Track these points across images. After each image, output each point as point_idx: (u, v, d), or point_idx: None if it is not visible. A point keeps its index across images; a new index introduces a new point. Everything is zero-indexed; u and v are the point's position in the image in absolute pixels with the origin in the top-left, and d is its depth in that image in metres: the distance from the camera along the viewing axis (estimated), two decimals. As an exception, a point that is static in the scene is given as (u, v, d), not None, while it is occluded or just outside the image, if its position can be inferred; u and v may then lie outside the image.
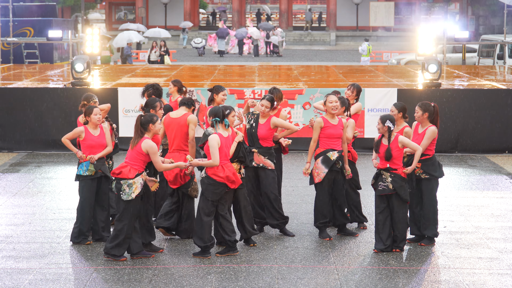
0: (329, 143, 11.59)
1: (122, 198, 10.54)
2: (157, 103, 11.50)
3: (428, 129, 11.29)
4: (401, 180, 10.97)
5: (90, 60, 19.92)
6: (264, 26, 54.82)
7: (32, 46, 33.24)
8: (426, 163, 11.32)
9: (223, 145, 10.77)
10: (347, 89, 12.83)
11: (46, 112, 18.99)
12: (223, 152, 10.76)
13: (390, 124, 10.96)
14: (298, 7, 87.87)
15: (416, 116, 11.39)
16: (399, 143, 10.95)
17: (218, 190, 10.77)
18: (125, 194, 10.52)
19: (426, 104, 11.38)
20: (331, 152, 11.55)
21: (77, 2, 58.21)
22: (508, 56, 32.78)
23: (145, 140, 10.54)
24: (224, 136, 10.84)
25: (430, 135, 11.26)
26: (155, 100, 11.62)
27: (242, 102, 18.79)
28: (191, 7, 65.75)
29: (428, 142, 11.27)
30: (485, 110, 19.04)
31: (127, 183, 10.52)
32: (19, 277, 10.04)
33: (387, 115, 11.04)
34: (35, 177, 16.15)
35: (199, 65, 32.25)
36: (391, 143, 10.95)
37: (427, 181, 11.38)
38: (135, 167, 10.57)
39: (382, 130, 11.01)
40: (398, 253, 11.02)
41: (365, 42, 39.95)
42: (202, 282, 9.86)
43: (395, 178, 10.96)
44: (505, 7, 29.58)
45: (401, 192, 10.94)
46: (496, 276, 10.18)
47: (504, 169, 17.23)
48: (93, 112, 11.37)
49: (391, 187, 10.96)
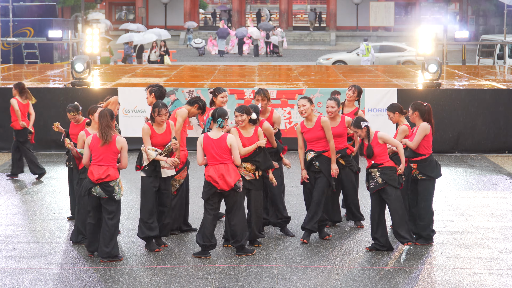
0: (309, 145, 11.67)
1: (116, 199, 10.62)
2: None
3: (420, 125, 11.35)
4: (390, 171, 11.01)
5: (90, 60, 19.93)
6: (264, 26, 54.81)
7: (32, 46, 33.24)
8: (422, 163, 11.35)
9: (209, 146, 10.77)
10: (348, 90, 12.88)
11: (46, 112, 18.99)
12: (209, 153, 10.78)
13: (365, 123, 11.04)
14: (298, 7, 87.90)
15: (409, 116, 11.49)
16: (379, 140, 11.05)
17: (206, 189, 10.89)
18: (117, 194, 10.64)
19: (417, 104, 11.48)
20: (308, 153, 11.62)
21: (77, 2, 58.20)
22: (508, 56, 32.79)
23: (117, 137, 10.67)
24: (213, 137, 10.83)
25: (421, 130, 11.31)
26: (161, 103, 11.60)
27: (242, 102, 18.80)
28: (191, 7, 65.75)
29: (420, 137, 11.29)
30: (485, 110, 19.05)
31: (115, 183, 10.62)
32: (19, 277, 10.04)
33: (358, 118, 11.16)
34: (35, 177, 16.14)
35: (199, 65, 32.25)
36: (371, 141, 11.02)
37: (422, 182, 11.40)
38: (115, 166, 10.69)
39: (363, 134, 11.09)
40: (397, 253, 11.02)
41: (364, 42, 39.94)
42: (202, 282, 9.86)
43: (383, 171, 11.02)
44: (505, 7, 29.59)
45: (391, 182, 10.97)
46: (496, 276, 10.18)
47: (504, 169, 17.24)
48: (97, 111, 11.37)
49: (380, 181, 11.01)
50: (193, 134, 18.50)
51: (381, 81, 21.81)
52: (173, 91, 19.09)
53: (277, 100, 18.77)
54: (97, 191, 10.63)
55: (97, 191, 10.63)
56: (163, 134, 11.22)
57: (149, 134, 11.13)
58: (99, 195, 10.63)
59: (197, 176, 15.45)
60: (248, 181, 11.09)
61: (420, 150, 11.34)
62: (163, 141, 11.20)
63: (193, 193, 13.58)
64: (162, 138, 11.20)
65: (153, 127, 11.21)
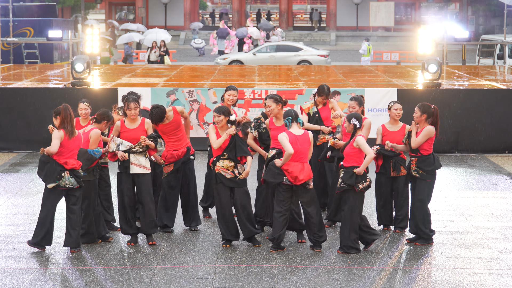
0: (273, 143, 11.65)
1: (83, 186, 11.04)
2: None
3: (425, 127, 11.31)
4: (351, 171, 10.95)
5: (90, 60, 19.93)
6: (264, 26, 54.80)
7: (32, 46, 33.24)
8: (421, 158, 11.34)
9: (294, 141, 10.90)
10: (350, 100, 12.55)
11: (46, 112, 18.98)
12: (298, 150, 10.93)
13: (356, 121, 11.02)
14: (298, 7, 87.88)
15: (415, 116, 11.40)
16: (354, 143, 11.01)
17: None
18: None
19: (425, 106, 11.39)
20: (270, 151, 11.61)
21: (77, 2, 58.22)
22: (508, 56, 32.80)
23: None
24: (296, 134, 10.98)
25: (426, 133, 11.28)
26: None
27: (243, 102, 18.81)
28: (191, 7, 65.74)
29: (423, 139, 11.28)
30: (485, 110, 19.05)
31: (80, 172, 11.00)
32: (19, 277, 10.04)
33: (353, 114, 11.17)
34: (35, 177, 16.14)
35: (199, 65, 32.25)
36: (351, 141, 11.04)
37: (419, 182, 11.41)
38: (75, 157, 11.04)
39: (349, 128, 11.08)
40: (397, 253, 11.02)
41: (365, 42, 39.97)
42: (202, 282, 9.86)
43: (345, 173, 11.00)
44: (505, 7, 29.60)
45: (348, 181, 10.93)
46: (496, 276, 10.18)
47: (504, 169, 17.24)
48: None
49: (343, 184, 11.00)
50: (193, 134, 18.54)
51: (381, 81, 21.80)
52: (173, 91, 19.10)
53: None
54: (72, 181, 10.85)
55: (72, 181, 10.86)
56: (135, 130, 11.32)
57: (118, 130, 11.36)
58: (76, 184, 10.87)
59: (197, 176, 15.43)
60: (228, 179, 11.18)
61: (421, 150, 11.35)
62: (135, 136, 11.28)
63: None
64: (134, 133, 11.28)
65: (124, 122, 11.29)
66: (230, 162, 11.17)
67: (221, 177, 11.16)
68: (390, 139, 11.85)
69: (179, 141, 11.99)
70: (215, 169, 11.23)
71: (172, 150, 11.95)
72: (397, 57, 45.13)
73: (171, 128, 11.89)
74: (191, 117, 18.91)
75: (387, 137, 11.91)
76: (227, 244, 11.35)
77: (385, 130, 12.00)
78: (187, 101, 18.99)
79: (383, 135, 11.96)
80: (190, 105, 19.01)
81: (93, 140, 11.22)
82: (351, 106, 12.01)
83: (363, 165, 10.92)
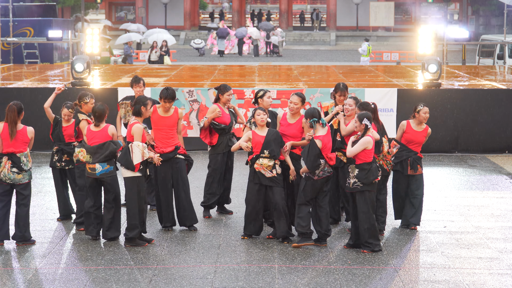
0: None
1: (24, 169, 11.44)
2: (148, 100, 11.55)
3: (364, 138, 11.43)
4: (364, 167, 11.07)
5: (90, 60, 19.93)
6: (264, 26, 54.80)
7: (32, 46, 33.24)
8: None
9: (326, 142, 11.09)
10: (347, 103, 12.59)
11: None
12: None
13: (367, 122, 11.04)
14: (298, 7, 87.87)
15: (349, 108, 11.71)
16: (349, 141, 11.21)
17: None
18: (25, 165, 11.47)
19: (364, 103, 11.52)
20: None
21: (77, 2, 58.20)
22: (508, 56, 32.80)
23: (27, 128, 11.62)
24: (323, 134, 11.12)
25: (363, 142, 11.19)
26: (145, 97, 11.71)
27: (243, 102, 18.81)
28: (191, 7, 65.75)
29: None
30: (485, 110, 19.04)
31: (22, 154, 11.52)
32: (19, 277, 10.04)
33: (364, 113, 11.12)
34: (35, 177, 16.13)
35: (199, 65, 32.26)
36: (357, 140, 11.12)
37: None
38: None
39: (359, 128, 11.08)
40: (397, 253, 11.03)
41: (365, 42, 39.96)
42: (202, 282, 9.86)
43: (360, 171, 11.09)
44: (505, 7, 29.59)
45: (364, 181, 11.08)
46: (496, 276, 10.18)
47: (504, 169, 17.24)
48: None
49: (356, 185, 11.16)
50: (194, 134, 18.55)
51: (381, 81, 21.81)
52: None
53: (277, 100, 18.76)
54: (8, 177, 11.27)
55: (9, 177, 11.27)
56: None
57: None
58: (13, 182, 11.28)
59: (197, 176, 15.46)
60: (268, 178, 11.37)
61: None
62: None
63: (193, 193, 13.56)
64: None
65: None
66: (269, 162, 11.36)
67: (260, 176, 11.39)
68: (412, 138, 12.11)
69: (169, 138, 12.04)
70: (254, 167, 11.42)
71: (160, 148, 12.00)
72: (397, 57, 45.13)
73: (167, 124, 12.03)
74: (191, 117, 18.92)
75: (409, 134, 12.12)
76: (245, 236, 11.66)
77: (409, 127, 12.13)
78: (187, 101, 18.99)
79: (405, 132, 12.08)
80: (190, 105, 19.00)
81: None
82: (348, 103, 11.94)
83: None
